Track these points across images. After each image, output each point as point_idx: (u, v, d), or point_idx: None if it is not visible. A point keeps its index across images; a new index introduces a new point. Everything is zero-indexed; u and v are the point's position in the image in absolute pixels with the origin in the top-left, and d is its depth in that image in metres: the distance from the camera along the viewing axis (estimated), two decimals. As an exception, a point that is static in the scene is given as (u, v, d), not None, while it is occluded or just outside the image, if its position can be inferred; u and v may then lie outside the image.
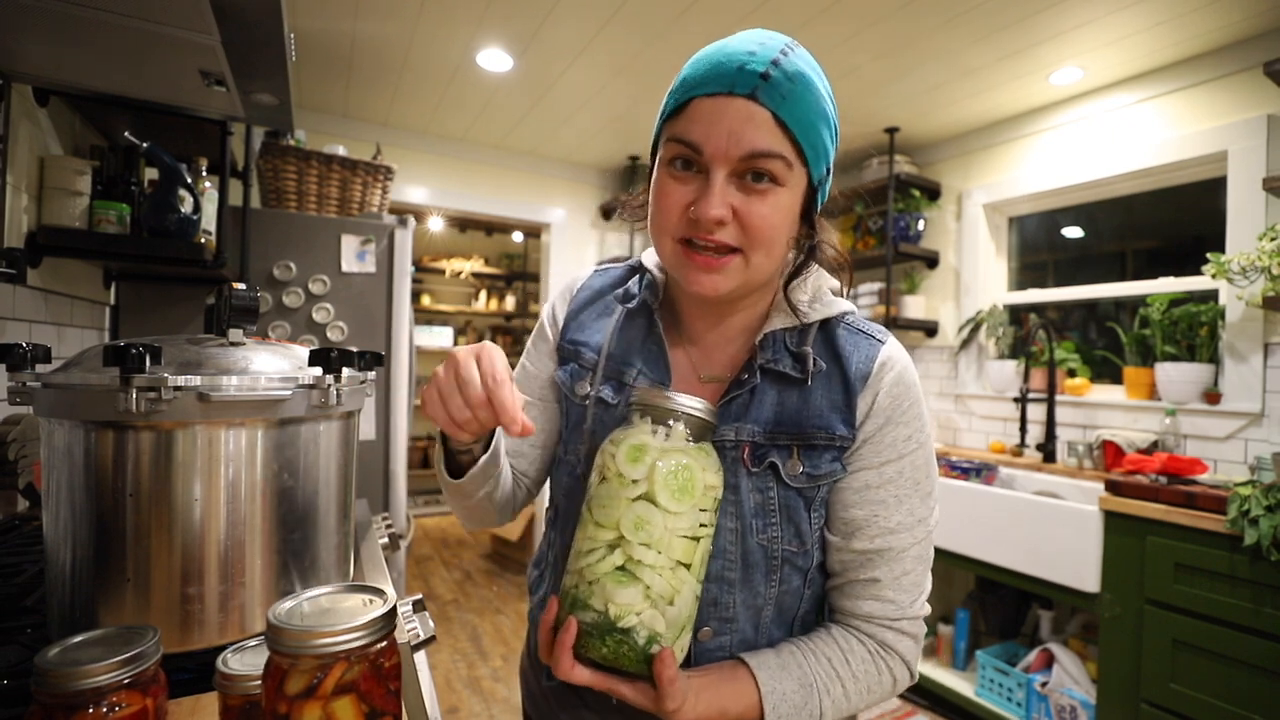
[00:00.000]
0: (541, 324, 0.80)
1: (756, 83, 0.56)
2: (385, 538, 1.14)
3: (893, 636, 0.64)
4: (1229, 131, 2.16)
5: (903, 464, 0.64)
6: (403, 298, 2.23)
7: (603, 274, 0.80)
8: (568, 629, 0.54)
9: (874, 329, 0.68)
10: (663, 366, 0.70)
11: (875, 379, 0.64)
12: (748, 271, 0.61)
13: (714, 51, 0.59)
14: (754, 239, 0.59)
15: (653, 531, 0.54)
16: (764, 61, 0.57)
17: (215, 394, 0.62)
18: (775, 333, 0.67)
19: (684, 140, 0.59)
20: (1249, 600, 1.59)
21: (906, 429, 0.64)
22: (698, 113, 0.58)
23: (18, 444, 1.12)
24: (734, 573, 0.64)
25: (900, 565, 0.64)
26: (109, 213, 1.43)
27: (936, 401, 3.15)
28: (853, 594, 0.66)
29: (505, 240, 5.94)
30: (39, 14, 0.98)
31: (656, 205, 0.62)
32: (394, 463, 2.22)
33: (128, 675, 0.45)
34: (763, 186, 0.58)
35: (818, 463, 0.63)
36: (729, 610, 0.64)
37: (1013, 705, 2.15)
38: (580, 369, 0.73)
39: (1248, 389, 2.08)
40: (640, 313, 0.73)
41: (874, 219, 3.19)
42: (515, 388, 0.56)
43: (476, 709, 2.36)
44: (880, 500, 0.64)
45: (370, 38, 2.36)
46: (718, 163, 0.57)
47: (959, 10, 2.01)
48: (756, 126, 0.56)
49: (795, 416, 0.64)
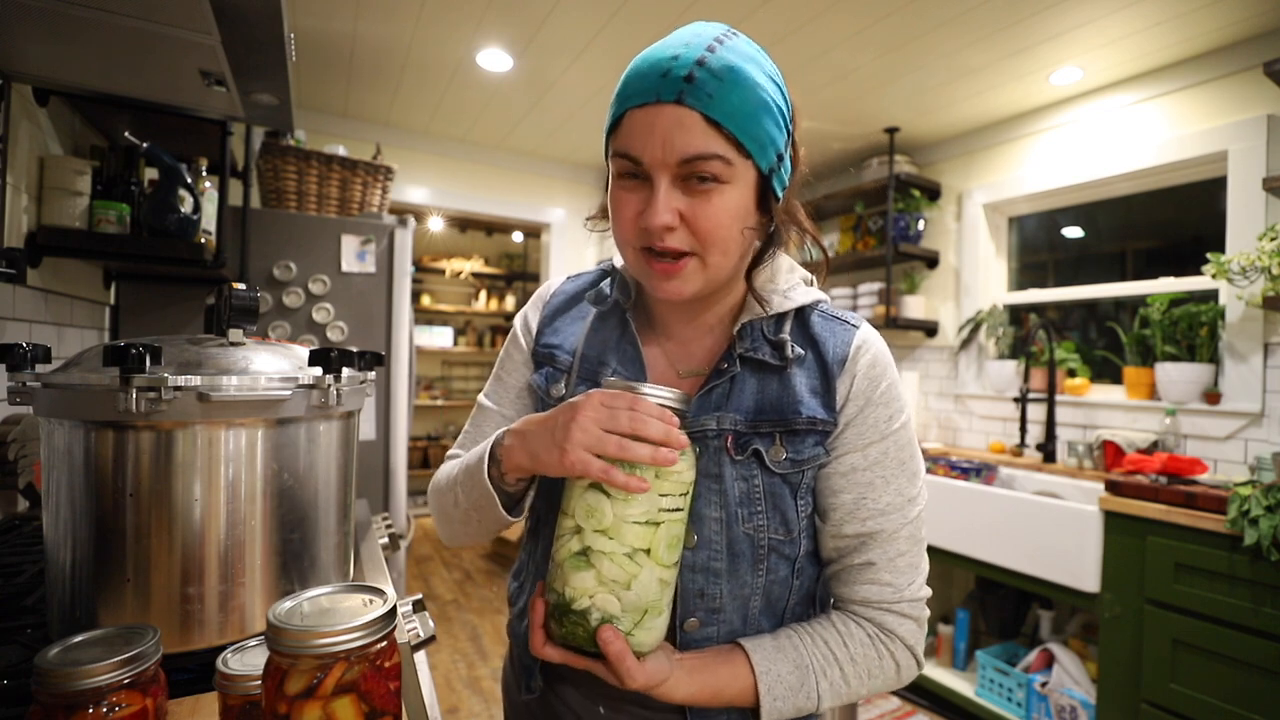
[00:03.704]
0: (515, 333, 0.79)
1: (681, 87, 0.55)
2: (385, 538, 1.14)
3: (893, 620, 0.64)
4: (1229, 131, 2.16)
5: (886, 444, 0.64)
6: (403, 298, 2.23)
7: (575, 280, 0.80)
8: (534, 608, 0.59)
9: (847, 315, 0.69)
10: (637, 364, 0.70)
11: (852, 362, 0.65)
12: (707, 271, 0.61)
13: (642, 60, 0.59)
14: (705, 240, 0.59)
15: (603, 519, 0.55)
16: (687, 64, 0.56)
17: (215, 394, 0.62)
18: (752, 322, 0.67)
19: (624, 154, 0.59)
20: (1249, 600, 1.59)
21: (887, 409, 0.65)
22: (632, 125, 0.58)
23: (18, 444, 1.12)
24: (720, 562, 0.64)
25: (894, 546, 0.64)
26: (109, 213, 1.43)
27: (936, 401, 3.15)
28: (849, 580, 0.66)
29: (505, 240, 5.94)
30: (39, 14, 0.98)
31: (613, 218, 0.63)
32: (394, 463, 2.22)
33: (128, 675, 0.45)
34: (706, 187, 0.57)
35: (800, 448, 0.64)
36: (716, 601, 0.64)
37: (1013, 705, 2.15)
38: (555, 372, 0.73)
39: (1248, 389, 2.08)
40: (613, 313, 0.73)
41: (874, 219, 3.19)
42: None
43: (476, 709, 2.36)
44: (868, 482, 0.64)
45: (370, 38, 2.36)
46: (658, 171, 0.57)
47: (959, 10, 2.01)
48: (687, 130, 0.56)
49: (776, 403, 0.64)
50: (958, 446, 3.02)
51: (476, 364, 5.71)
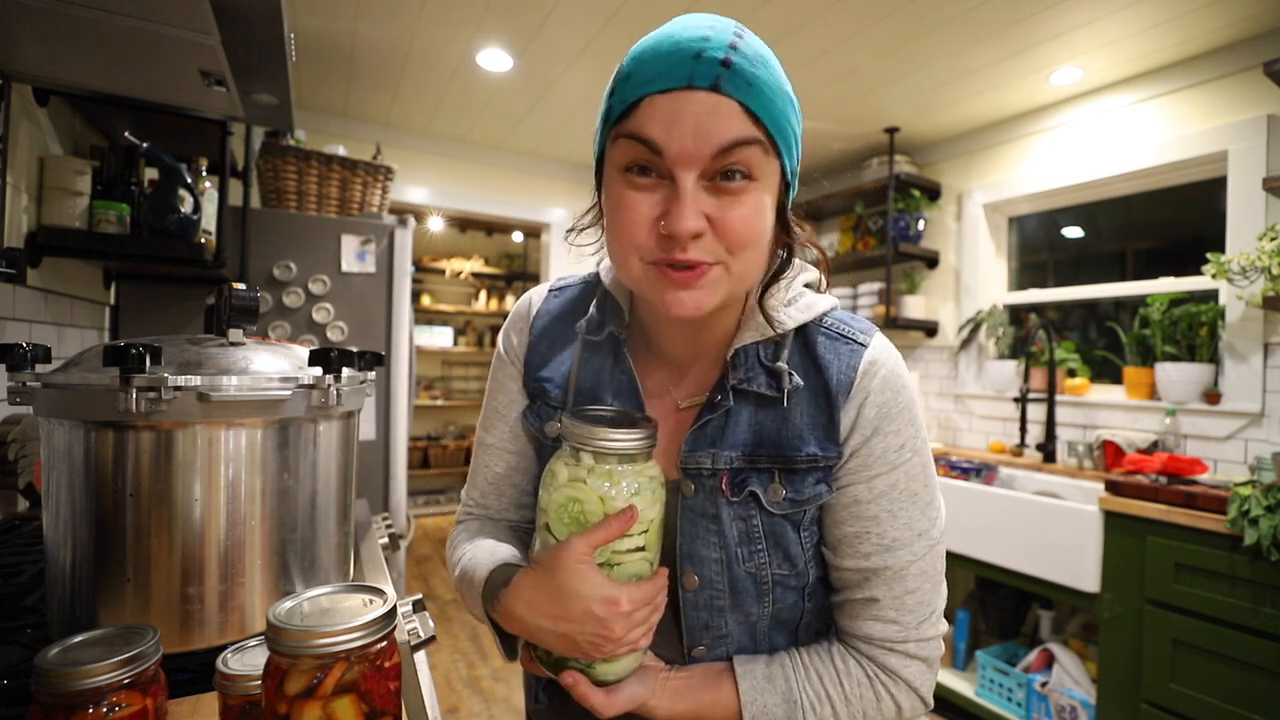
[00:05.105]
0: (500, 357, 0.72)
1: (718, 71, 0.48)
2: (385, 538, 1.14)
3: (896, 660, 0.59)
4: (1229, 131, 2.16)
5: (895, 475, 0.58)
6: (403, 298, 2.23)
7: (558, 295, 0.72)
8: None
9: (856, 331, 0.61)
10: (634, 396, 0.64)
11: (859, 389, 0.58)
12: (731, 281, 0.53)
13: (660, 42, 0.51)
14: (737, 247, 0.51)
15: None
16: (721, 47, 0.49)
17: (215, 394, 0.62)
18: (747, 347, 0.60)
19: (641, 137, 0.50)
20: (1249, 600, 1.59)
21: (898, 438, 0.58)
22: (654, 111, 0.49)
23: (18, 444, 1.12)
24: (723, 600, 0.61)
25: (901, 584, 0.58)
26: (109, 213, 1.43)
27: (936, 401, 3.15)
28: (852, 614, 0.61)
29: (505, 240, 5.94)
30: (39, 14, 0.98)
31: (618, 221, 0.53)
32: (394, 463, 2.22)
33: (128, 675, 0.45)
34: (736, 186, 0.50)
35: (800, 487, 0.59)
36: (722, 630, 0.62)
37: (1013, 705, 2.15)
38: (548, 408, 0.67)
39: (1248, 389, 2.08)
40: (605, 341, 0.67)
41: (874, 219, 3.19)
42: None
43: (476, 709, 2.36)
44: (872, 516, 0.58)
45: (371, 38, 2.36)
46: (683, 165, 0.49)
47: (959, 10, 2.01)
48: (724, 118, 0.48)
49: (774, 437, 0.59)
50: (958, 446, 3.02)
51: (476, 364, 5.71)
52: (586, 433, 0.54)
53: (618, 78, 0.53)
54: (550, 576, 0.54)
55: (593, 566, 0.53)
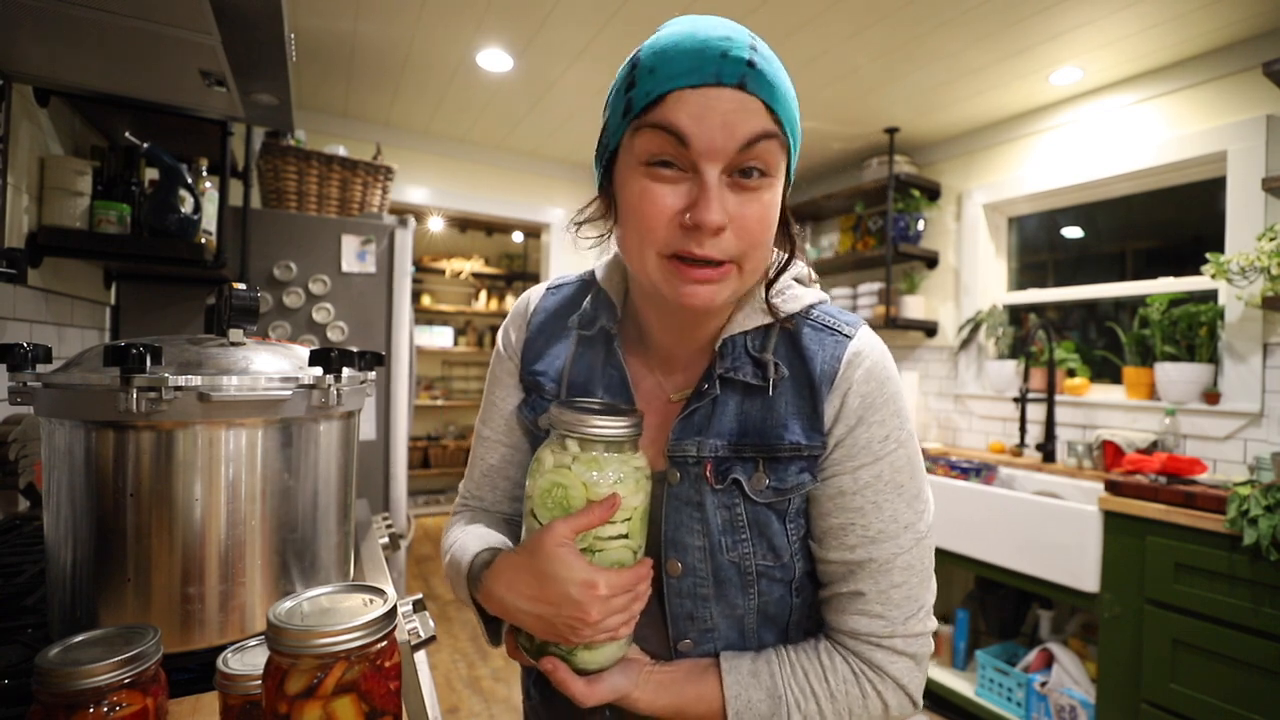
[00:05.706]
0: (500, 353, 0.75)
1: (744, 71, 0.50)
2: (385, 538, 1.14)
3: (883, 656, 0.58)
4: (1228, 132, 2.16)
5: (879, 467, 0.58)
6: (403, 298, 2.23)
7: (555, 293, 0.75)
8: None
9: (842, 322, 0.62)
10: (624, 390, 0.65)
11: (842, 379, 0.59)
12: (742, 279, 0.55)
13: (683, 39, 0.52)
14: (751, 244, 0.53)
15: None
16: (745, 47, 0.51)
17: (215, 394, 0.62)
18: (735, 337, 0.62)
19: (670, 128, 0.51)
20: (1248, 600, 1.59)
21: (882, 429, 0.58)
22: (681, 104, 0.51)
23: (18, 444, 1.12)
24: (707, 589, 0.61)
25: (887, 577, 0.58)
26: (109, 213, 1.43)
27: (936, 401, 3.15)
28: (838, 608, 0.61)
29: (505, 240, 5.94)
30: (39, 14, 0.98)
31: (640, 212, 0.53)
32: (394, 463, 2.22)
33: (128, 675, 0.45)
34: (754, 182, 0.52)
35: (784, 476, 0.59)
36: (707, 622, 0.62)
37: (1012, 705, 2.15)
38: (542, 401, 0.69)
39: (1247, 389, 2.08)
40: (598, 335, 0.68)
41: (874, 219, 3.20)
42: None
43: (476, 709, 2.36)
44: (857, 508, 0.58)
45: (371, 38, 2.36)
46: (709, 159, 0.51)
47: (959, 11, 2.01)
48: (751, 114, 0.51)
49: (759, 426, 0.60)
50: (957, 446, 3.02)
51: (476, 364, 5.71)
52: (572, 419, 0.55)
53: (639, 71, 0.53)
54: (531, 558, 0.55)
55: (573, 550, 0.54)
